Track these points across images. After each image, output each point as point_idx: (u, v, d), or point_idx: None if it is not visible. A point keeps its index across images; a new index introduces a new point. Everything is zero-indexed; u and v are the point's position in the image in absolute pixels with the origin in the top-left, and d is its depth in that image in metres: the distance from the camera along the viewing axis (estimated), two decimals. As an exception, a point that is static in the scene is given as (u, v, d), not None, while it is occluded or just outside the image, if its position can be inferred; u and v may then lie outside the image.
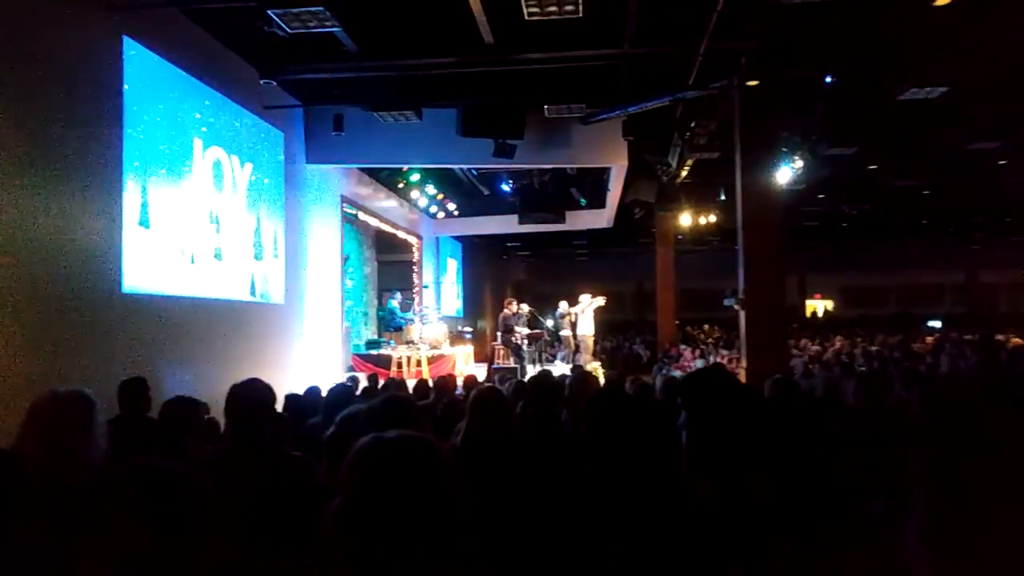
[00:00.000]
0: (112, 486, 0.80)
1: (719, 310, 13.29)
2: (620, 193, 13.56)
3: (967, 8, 7.12)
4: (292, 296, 9.98)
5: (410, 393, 6.15)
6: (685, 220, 16.60)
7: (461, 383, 7.38)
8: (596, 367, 12.52)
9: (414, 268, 16.53)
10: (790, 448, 3.01)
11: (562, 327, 14.43)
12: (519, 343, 12.84)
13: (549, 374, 4.91)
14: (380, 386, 7.20)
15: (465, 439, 2.94)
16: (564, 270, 28.79)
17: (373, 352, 13.03)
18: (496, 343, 13.68)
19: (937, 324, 25.30)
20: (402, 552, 1.16)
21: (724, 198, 14.44)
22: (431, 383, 6.95)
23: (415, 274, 16.47)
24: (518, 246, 26.39)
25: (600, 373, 10.32)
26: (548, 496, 2.30)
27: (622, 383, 6.44)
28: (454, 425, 3.34)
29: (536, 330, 13.88)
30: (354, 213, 12.86)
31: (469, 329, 17.11)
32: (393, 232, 15.12)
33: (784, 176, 9.67)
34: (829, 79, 8.66)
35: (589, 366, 11.46)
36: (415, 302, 15.47)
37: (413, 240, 16.26)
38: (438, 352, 13.08)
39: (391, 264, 17.10)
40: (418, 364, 12.16)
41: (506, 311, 12.99)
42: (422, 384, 7.12)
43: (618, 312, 28.61)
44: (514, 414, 3.53)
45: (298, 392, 5.86)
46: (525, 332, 13.25)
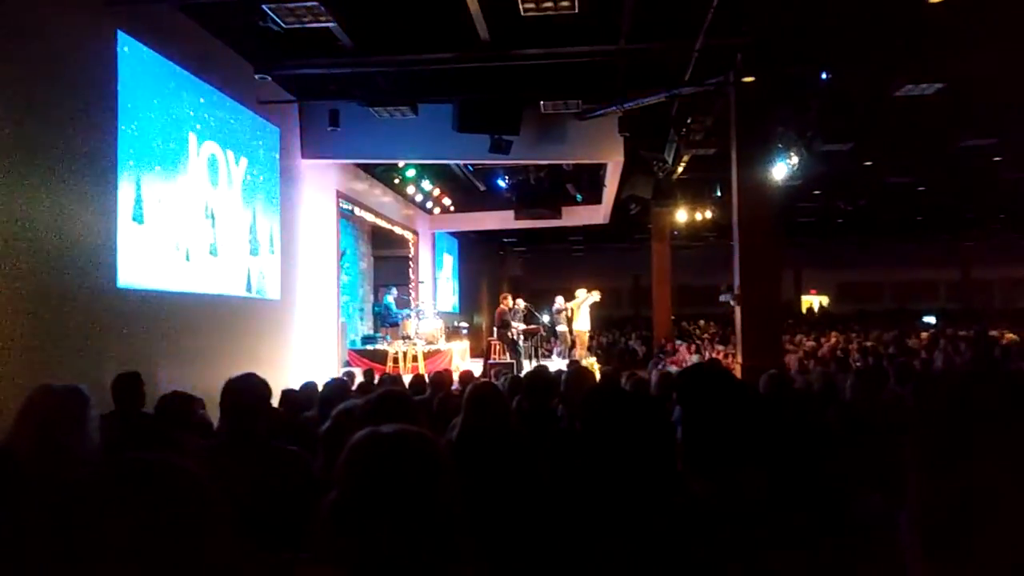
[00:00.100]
0: (106, 479, 0.80)
1: (715, 306, 13.33)
2: (616, 189, 13.57)
3: (962, 4, 7.13)
4: (288, 292, 9.96)
5: (406, 388, 6.15)
6: (681, 216, 16.64)
7: (457, 378, 7.39)
8: (592, 362, 12.54)
9: (410, 264, 16.52)
10: (785, 443, 3.02)
11: (558, 322, 14.44)
12: (515, 339, 12.84)
13: (545, 369, 4.92)
14: (376, 381, 7.19)
15: (461, 434, 2.94)
16: (560, 266, 28.80)
17: (369, 347, 13.03)
18: (492, 339, 13.68)
19: (932, 320, 25.37)
20: (398, 546, 1.16)
21: (720, 194, 14.46)
22: (427, 378, 6.96)
23: (411, 270, 16.46)
24: (514, 242, 26.37)
25: (596, 368, 10.35)
26: (543, 491, 2.31)
27: (618, 379, 6.45)
28: (450, 420, 3.34)
29: (532, 326, 13.88)
30: (350, 208, 12.84)
31: (465, 325, 17.11)
32: (389, 228, 15.10)
33: (780, 172, 9.68)
34: (825, 75, 8.66)
35: (585, 361, 11.48)
36: (411, 297, 15.47)
37: (409, 236, 16.25)
38: (434, 347, 13.08)
39: (387, 259, 17.10)
40: (414, 359, 12.17)
41: (502, 307, 12.99)
42: (418, 379, 7.12)
43: (614, 308, 28.64)
44: (510, 409, 3.53)
45: (294, 387, 5.86)
46: (521, 328, 13.25)
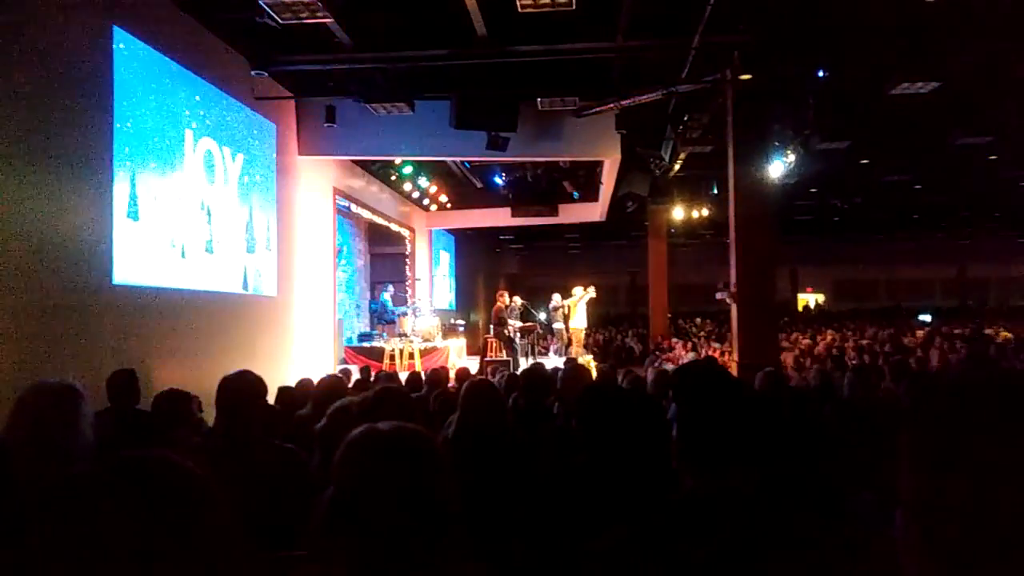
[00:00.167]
0: (102, 476, 0.80)
1: (711, 304, 13.35)
2: (613, 186, 13.56)
3: (958, 3, 7.15)
4: (285, 288, 9.95)
5: (402, 385, 6.15)
6: (678, 214, 16.66)
7: (453, 376, 7.39)
8: (588, 360, 12.55)
9: (407, 261, 16.51)
10: (780, 441, 3.03)
11: (555, 320, 14.44)
12: (512, 336, 12.84)
13: (541, 367, 4.93)
14: (371, 379, 7.19)
15: (457, 431, 2.95)
16: (557, 263, 28.82)
17: (366, 344, 13.02)
18: (489, 336, 13.68)
19: (928, 318, 25.44)
20: (395, 544, 1.16)
21: (717, 192, 14.47)
22: (423, 376, 6.95)
23: (408, 267, 16.45)
24: (511, 239, 26.37)
25: (592, 366, 10.35)
26: (539, 488, 2.31)
27: (614, 376, 6.46)
28: (446, 417, 3.34)
29: (529, 323, 13.88)
30: (347, 205, 12.82)
31: (462, 322, 17.10)
32: (386, 225, 15.09)
33: (776, 170, 9.68)
34: (821, 74, 8.67)
35: (581, 359, 11.48)
36: (408, 295, 15.46)
37: (406, 233, 16.24)
38: (431, 345, 13.08)
39: (384, 257, 17.09)
40: (410, 357, 12.16)
41: (499, 304, 12.99)
42: (414, 377, 7.12)
43: (611, 305, 28.69)
44: (506, 407, 3.53)
45: (290, 385, 5.86)
46: (518, 325, 13.24)
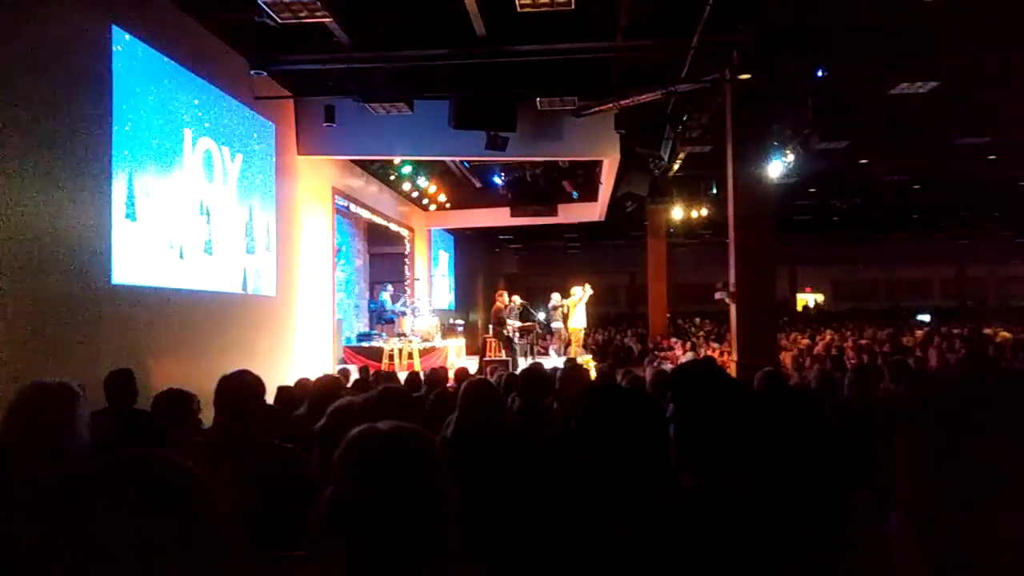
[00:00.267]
0: (100, 475, 0.80)
1: (710, 304, 13.34)
2: (612, 186, 13.57)
3: (957, 3, 7.15)
4: (284, 288, 9.94)
5: (401, 384, 6.15)
6: (677, 214, 16.66)
7: (452, 376, 7.39)
8: (587, 360, 12.55)
9: (406, 261, 16.50)
10: (778, 441, 3.03)
11: (554, 319, 14.43)
12: (511, 336, 12.84)
13: (540, 367, 4.92)
14: (370, 378, 7.19)
15: (456, 431, 2.95)
16: (556, 263, 28.82)
17: (365, 344, 13.02)
18: (488, 336, 13.67)
19: (926, 318, 25.45)
20: (393, 543, 1.16)
21: (715, 191, 14.47)
22: (422, 376, 6.95)
23: (407, 267, 16.45)
24: (510, 239, 26.37)
25: (591, 366, 10.36)
26: (537, 488, 2.31)
27: (613, 376, 6.45)
28: (445, 417, 3.34)
29: (528, 323, 13.87)
30: (346, 205, 12.82)
31: (461, 322, 17.10)
32: (385, 224, 15.08)
33: (775, 170, 9.68)
34: (820, 73, 8.68)
35: (580, 359, 11.48)
36: (407, 295, 15.46)
37: (405, 232, 16.23)
38: (430, 345, 13.08)
39: (383, 256, 17.08)
40: (409, 356, 12.16)
41: (498, 304, 12.98)
42: (413, 377, 7.12)
43: (610, 305, 28.71)
44: (505, 407, 3.53)
45: (290, 384, 5.86)
46: (517, 325, 13.24)
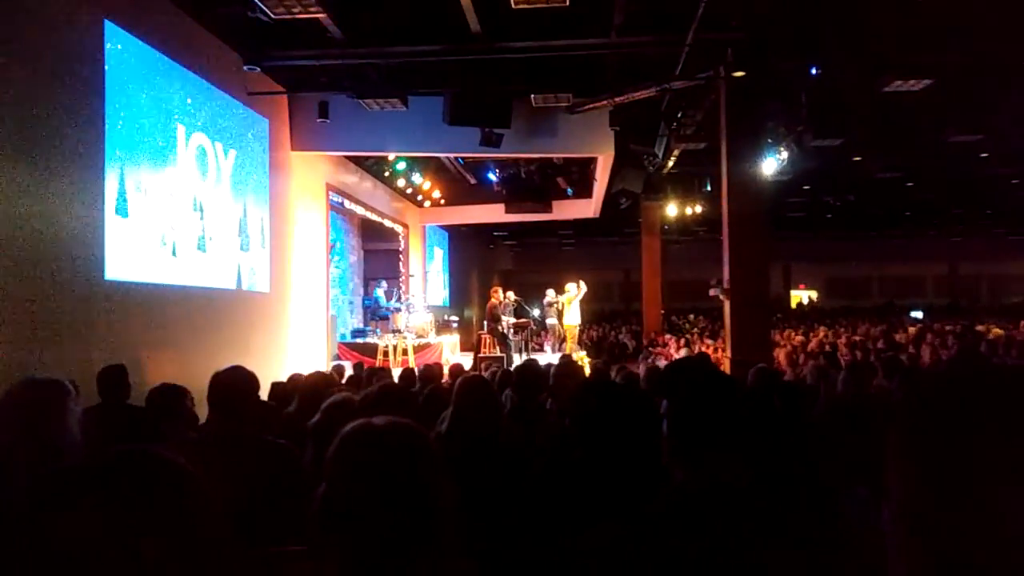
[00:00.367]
0: (92, 471, 0.80)
1: (705, 300, 13.37)
2: (606, 183, 13.57)
3: (951, 1, 7.17)
4: (278, 284, 9.92)
5: (394, 379, 6.15)
6: (671, 210, 16.67)
7: (447, 372, 7.38)
8: (582, 356, 12.56)
9: (400, 257, 16.49)
10: (772, 436, 3.04)
11: (548, 316, 14.42)
12: (505, 332, 12.84)
13: (535, 363, 4.93)
14: (366, 373, 7.18)
15: (450, 427, 2.95)
16: (550, 259, 28.83)
17: (359, 341, 13.01)
18: (483, 332, 13.67)
19: (919, 315, 25.55)
20: (387, 539, 1.16)
21: (710, 188, 14.50)
22: (417, 372, 6.94)
23: (401, 263, 16.43)
24: (505, 235, 26.38)
25: (586, 362, 10.37)
26: (532, 484, 2.32)
27: (608, 372, 6.46)
28: (439, 413, 3.34)
29: (522, 319, 13.88)
30: (340, 201, 12.79)
31: (455, 318, 17.10)
32: (379, 221, 15.06)
33: (769, 167, 9.69)
34: (814, 71, 8.69)
35: (575, 355, 11.49)
36: (401, 291, 15.45)
37: (399, 229, 16.21)
38: (424, 341, 13.07)
39: (377, 253, 17.07)
40: (404, 353, 12.15)
41: (493, 300, 12.98)
42: (408, 373, 7.11)
43: (605, 301, 28.73)
44: (500, 402, 3.54)
45: (283, 380, 5.86)
46: (511, 321, 13.24)
